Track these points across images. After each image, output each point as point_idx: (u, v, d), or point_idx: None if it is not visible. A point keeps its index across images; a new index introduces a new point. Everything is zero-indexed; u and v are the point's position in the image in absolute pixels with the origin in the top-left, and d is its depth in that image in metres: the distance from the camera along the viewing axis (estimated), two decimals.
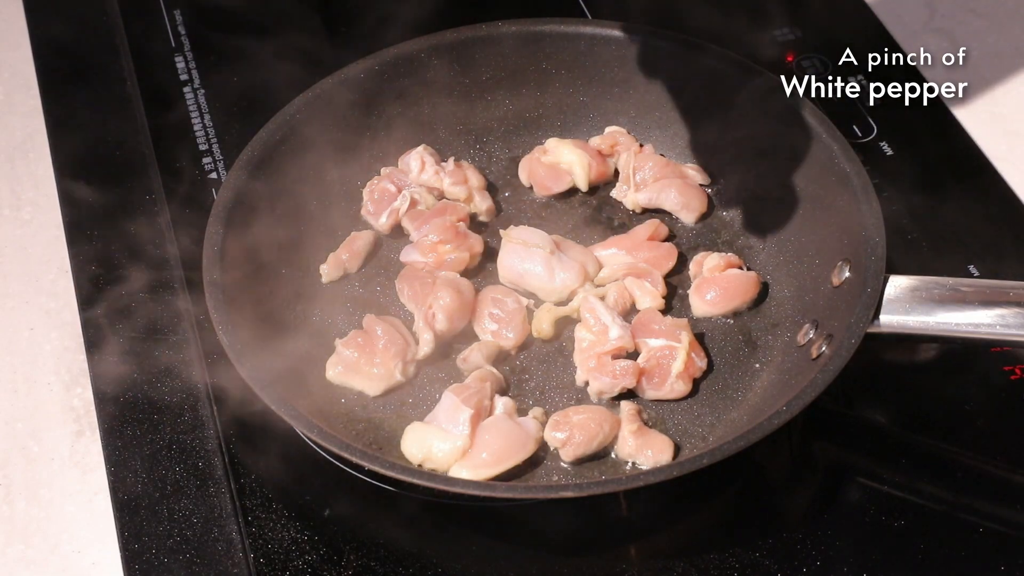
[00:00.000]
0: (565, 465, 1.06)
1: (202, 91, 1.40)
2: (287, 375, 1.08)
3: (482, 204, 1.24)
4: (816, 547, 1.03)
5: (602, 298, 1.15)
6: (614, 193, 1.26)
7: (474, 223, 1.24)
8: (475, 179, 1.25)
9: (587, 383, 1.10)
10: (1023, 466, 1.08)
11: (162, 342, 1.18)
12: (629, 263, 1.18)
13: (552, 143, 1.27)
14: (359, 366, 1.11)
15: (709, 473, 0.96)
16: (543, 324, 1.14)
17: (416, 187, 1.24)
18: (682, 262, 1.20)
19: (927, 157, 1.32)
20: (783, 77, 1.19)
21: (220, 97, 1.39)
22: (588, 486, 0.97)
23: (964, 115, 1.36)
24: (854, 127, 1.34)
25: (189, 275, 1.21)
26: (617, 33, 1.25)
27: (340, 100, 1.23)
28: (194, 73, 1.42)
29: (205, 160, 1.33)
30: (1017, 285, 1.01)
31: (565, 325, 1.15)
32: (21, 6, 1.53)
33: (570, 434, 1.05)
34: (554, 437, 1.05)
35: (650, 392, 1.10)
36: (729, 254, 1.18)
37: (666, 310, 1.17)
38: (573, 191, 1.27)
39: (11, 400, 1.17)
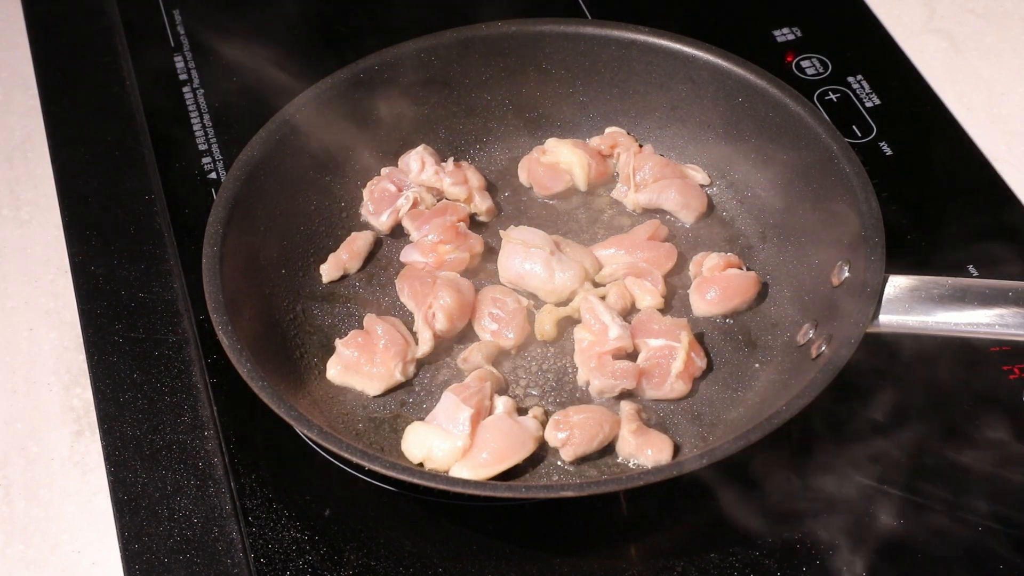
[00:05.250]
0: (565, 465, 1.06)
1: (202, 91, 1.40)
2: (287, 375, 1.09)
3: (482, 204, 1.24)
4: (816, 547, 1.03)
5: (602, 298, 1.15)
6: (614, 193, 1.26)
7: (474, 223, 1.24)
8: (475, 179, 1.25)
9: (588, 383, 1.10)
10: (1022, 466, 1.08)
11: (162, 342, 1.18)
12: (629, 263, 1.18)
13: (552, 143, 1.27)
14: (359, 366, 1.11)
15: (709, 473, 0.96)
16: (545, 326, 1.14)
17: (416, 187, 1.24)
18: (682, 262, 1.20)
19: (927, 157, 1.32)
20: (783, 77, 1.19)
21: (220, 97, 1.39)
22: (588, 486, 0.97)
23: (963, 115, 1.37)
24: (854, 127, 1.34)
25: (189, 275, 1.21)
26: (617, 33, 1.25)
27: (340, 100, 1.23)
28: (194, 73, 1.42)
29: (205, 160, 1.33)
30: (1016, 285, 1.01)
31: (566, 325, 1.15)
32: (20, 6, 1.53)
33: (570, 434, 1.05)
34: (554, 437, 1.05)
35: (650, 392, 1.10)
36: (729, 254, 1.18)
37: (666, 310, 1.17)
38: (573, 191, 1.27)
39: (11, 400, 1.17)
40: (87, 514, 1.09)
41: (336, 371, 1.12)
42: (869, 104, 1.37)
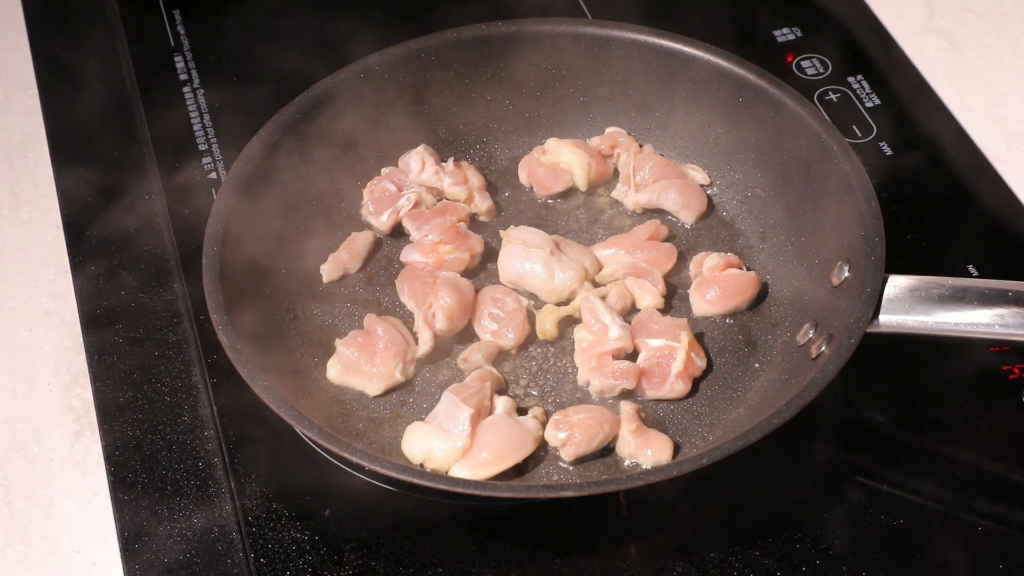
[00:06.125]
0: (565, 465, 1.06)
1: (202, 91, 1.40)
2: (287, 375, 1.08)
3: (482, 204, 1.24)
4: (816, 547, 1.03)
5: (602, 298, 1.15)
6: (614, 193, 1.26)
7: (474, 223, 1.24)
8: (475, 179, 1.25)
9: (588, 383, 1.10)
10: (1022, 466, 1.08)
11: (162, 342, 1.18)
12: (629, 263, 1.18)
13: (552, 143, 1.27)
14: (359, 366, 1.11)
15: (709, 473, 0.96)
16: (547, 325, 1.14)
17: (416, 187, 1.24)
18: (682, 262, 1.20)
19: (927, 157, 1.32)
20: (783, 77, 1.19)
21: (220, 97, 1.39)
22: (588, 486, 0.97)
23: (963, 115, 1.37)
24: (854, 127, 1.34)
25: (189, 275, 1.21)
26: (617, 33, 1.25)
27: (340, 100, 1.23)
28: (194, 73, 1.42)
29: (205, 160, 1.33)
30: (1016, 285, 1.02)
31: (566, 325, 1.15)
32: (19, 6, 1.53)
33: (570, 434, 1.05)
34: (555, 436, 1.05)
35: (650, 392, 1.10)
36: (729, 254, 1.18)
37: (666, 310, 1.17)
38: (573, 191, 1.27)
39: (11, 400, 1.17)
40: (87, 514, 1.09)
41: (336, 371, 1.12)
42: (869, 104, 1.37)
